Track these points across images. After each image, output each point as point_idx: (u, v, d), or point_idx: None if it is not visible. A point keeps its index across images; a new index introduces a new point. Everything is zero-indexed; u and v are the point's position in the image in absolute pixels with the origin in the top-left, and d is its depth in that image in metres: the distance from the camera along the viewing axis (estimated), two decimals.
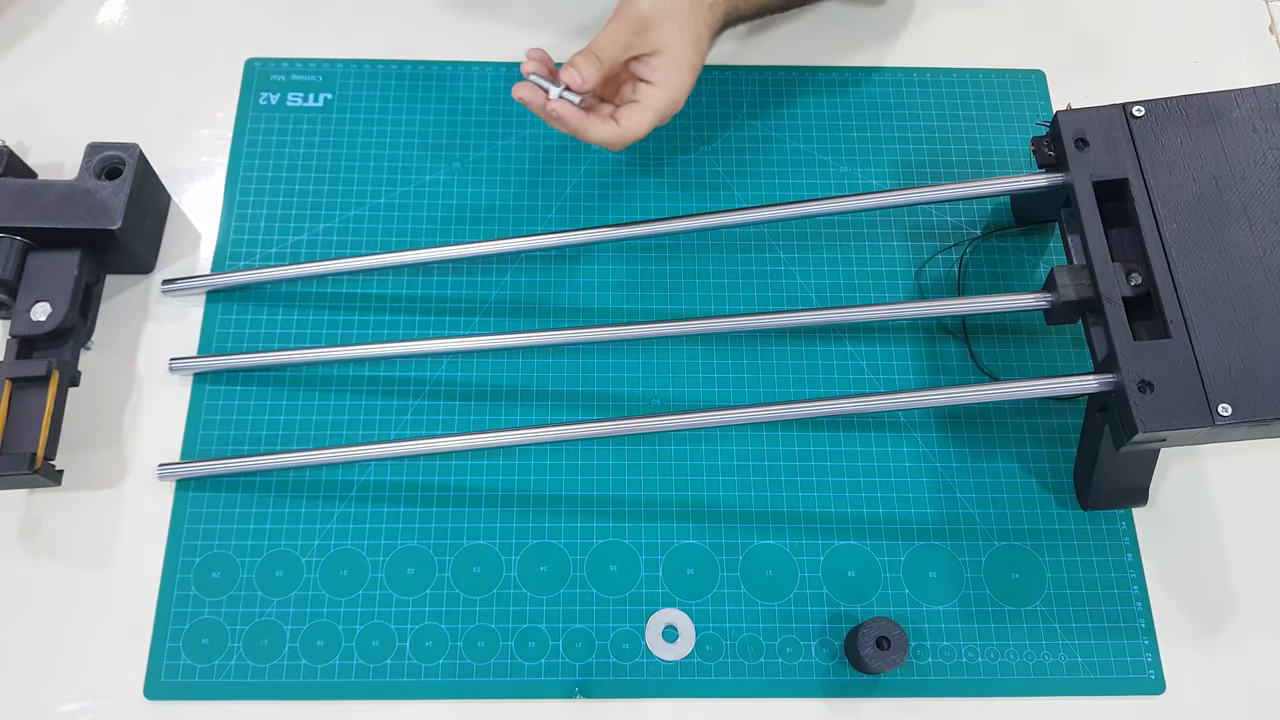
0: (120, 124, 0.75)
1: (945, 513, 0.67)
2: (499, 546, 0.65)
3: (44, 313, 0.65)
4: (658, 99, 0.63)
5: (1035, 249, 0.74)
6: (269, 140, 0.76)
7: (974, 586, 0.65)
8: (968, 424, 0.69)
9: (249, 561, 0.64)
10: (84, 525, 0.65)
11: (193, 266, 0.72)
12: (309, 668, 0.62)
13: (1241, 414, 0.56)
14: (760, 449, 0.68)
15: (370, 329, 0.71)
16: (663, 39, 0.62)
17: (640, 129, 0.63)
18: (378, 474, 0.67)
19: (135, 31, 0.80)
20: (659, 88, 0.63)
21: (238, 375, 0.69)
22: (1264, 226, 0.61)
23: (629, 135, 0.63)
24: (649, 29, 0.62)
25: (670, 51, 0.62)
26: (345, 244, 0.73)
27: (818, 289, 0.73)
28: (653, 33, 0.62)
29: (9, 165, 0.68)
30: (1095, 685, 0.63)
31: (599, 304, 0.72)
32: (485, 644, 0.63)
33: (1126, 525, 0.67)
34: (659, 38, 0.62)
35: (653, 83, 0.63)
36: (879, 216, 0.75)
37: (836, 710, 0.62)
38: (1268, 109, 0.63)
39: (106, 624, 0.62)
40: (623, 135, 0.63)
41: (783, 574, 0.65)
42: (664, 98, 0.63)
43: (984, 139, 0.78)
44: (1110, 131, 0.64)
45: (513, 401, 0.69)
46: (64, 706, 0.61)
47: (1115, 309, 0.60)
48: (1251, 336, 0.58)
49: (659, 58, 0.63)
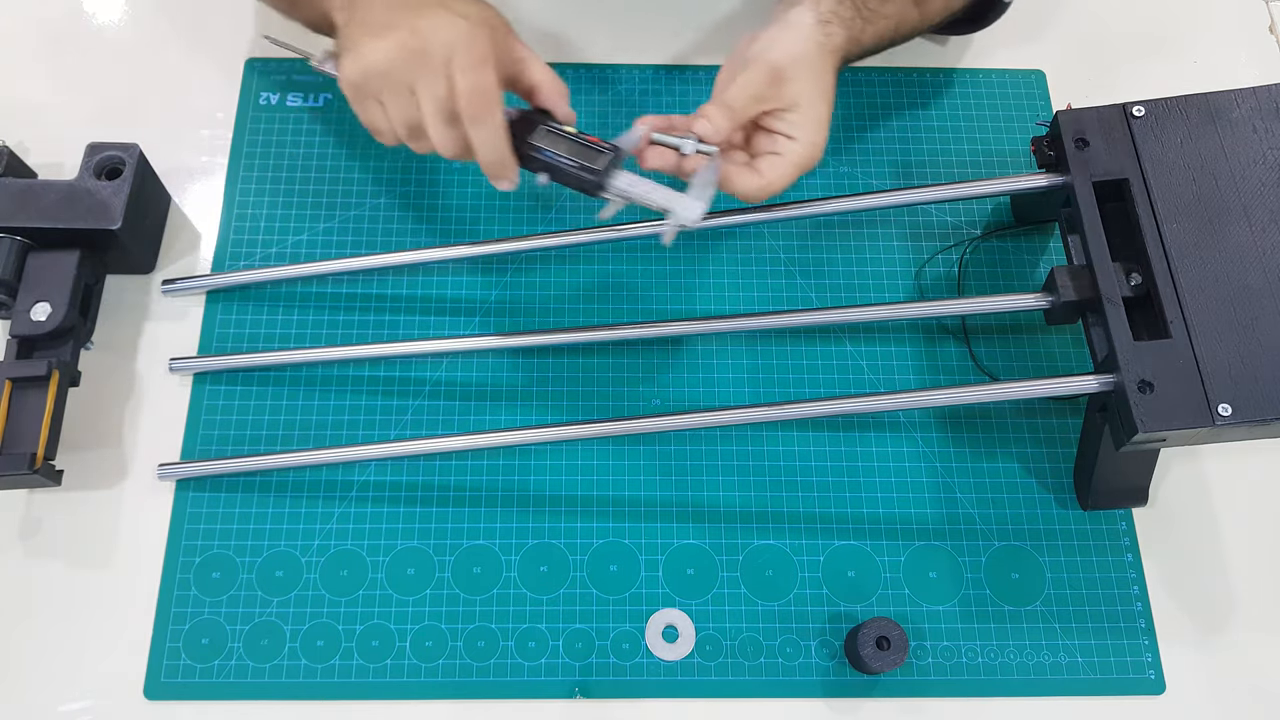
0: (120, 124, 0.74)
1: (945, 513, 0.67)
2: (499, 546, 0.65)
3: (44, 313, 0.65)
4: (799, 155, 0.60)
5: (1035, 249, 0.74)
6: (269, 140, 0.76)
7: (974, 586, 0.65)
8: (968, 424, 0.69)
9: (249, 561, 0.64)
10: (84, 525, 0.65)
11: (193, 266, 0.72)
12: (309, 668, 0.62)
13: (1241, 414, 0.56)
14: (760, 449, 0.68)
15: (370, 329, 0.71)
16: (798, 93, 0.60)
17: (782, 183, 0.60)
18: (378, 474, 0.67)
19: (135, 31, 0.80)
20: (800, 144, 0.60)
21: (238, 375, 0.69)
22: (1264, 226, 0.61)
23: (771, 188, 0.60)
24: (783, 82, 0.60)
25: (808, 107, 0.60)
26: (345, 244, 0.73)
27: (818, 289, 0.73)
28: (787, 86, 0.60)
29: (9, 165, 0.68)
30: (1095, 685, 0.63)
31: (598, 304, 0.72)
32: (485, 644, 0.63)
33: (1126, 525, 0.67)
34: (794, 91, 0.60)
35: (793, 138, 0.60)
36: (879, 216, 0.75)
37: (836, 710, 0.62)
38: (1268, 109, 0.63)
39: (106, 624, 0.62)
40: (766, 188, 0.60)
41: (783, 574, 0.65)
42: (805, 154, 0.61)
43: (984, 139, 0.77)
44: (1110, 131, 0.64)
45: (513, 401, 0.69)
46: (64, 706, 0.61)
47: (1115, 309, 0.60)
48: (1251, 336, 0.58)
49: (796, 113, 0.60)
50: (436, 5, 0.57)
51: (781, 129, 0.61)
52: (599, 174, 0.58)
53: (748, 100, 0.60)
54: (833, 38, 0.62)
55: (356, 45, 0.57)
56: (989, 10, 0.75)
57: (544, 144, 0.59)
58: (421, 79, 0.56)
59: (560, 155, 0.58)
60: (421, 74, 0.56)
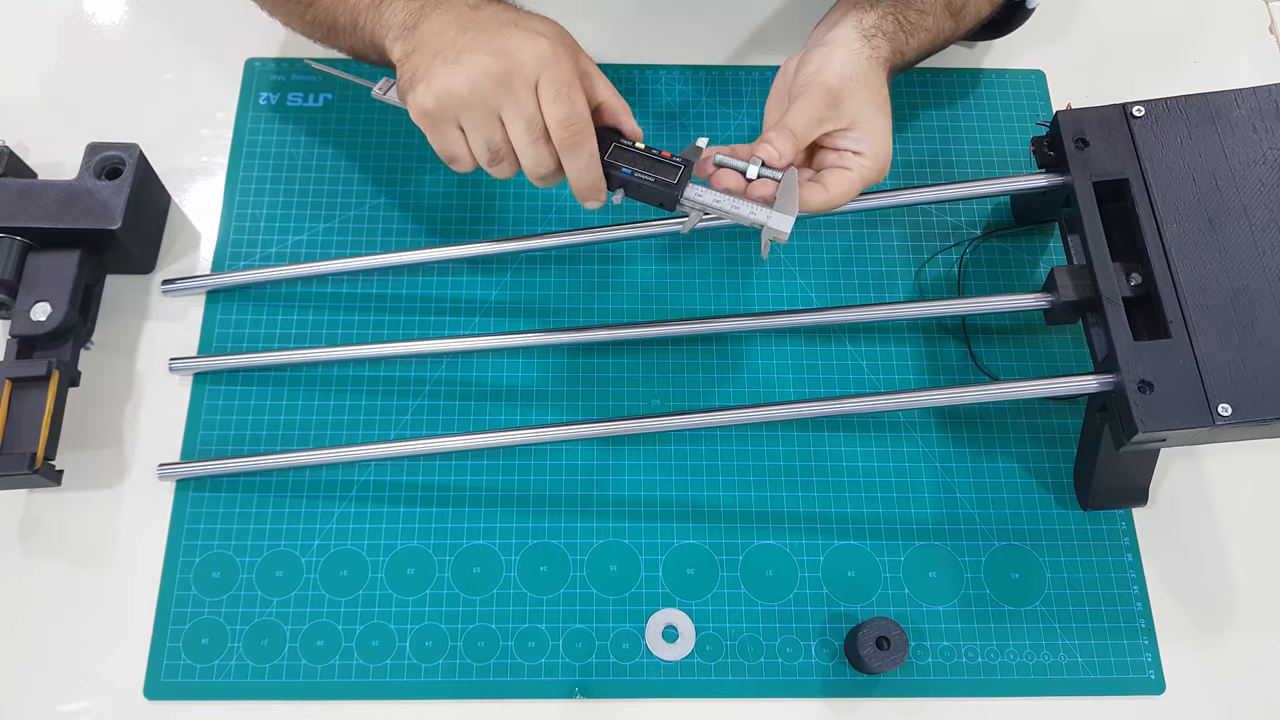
0: (120, 124, 0.75)
1: (945, 513, 0.67)
2: (499, 546, 0.65)
3: (44, 313, 0.65)
4: (865, 169, 0.61)
5: (1035, 249, 0.74)
6: (269, 140, 0.76)
7: (974, 586, 0.65)
8: (968, 424, 0.69)
9: (249, 561, 0.64)
10: (84, 525, 0.65)
11: (193, 266, 0.72)
12: (309, 668, 0.62)
13: (1241, 414, 0.56)
14: (760, 449, 0.68)
15: (370, 329, 0.71)
16: (857, 111, 0.61)
17: (848, 195, 0.61)
18: (378, 474, 0.67)
19: (135, 31, 0.80)
20: (866, 159, 0.61)
21: (238, 375, 0.69)
22: (1264, 226, 0.61)
23: (837, 202, 0.61)
24: (840, 101, 0.61)
25: (869, 122, 0.61)
26: (345, 244, 0.73)
27: (818, 289, 0.73)
28: (845, 105, 0.61)
29: (9, 165, 0.68)
30: (1095, 685, 0.63)
31: (599, 304, 0.72)
32: (485, 644, 0.63)
33: (1126, 525, 0.67)
34: (852, 110, 0.61)
35: (860, 153, 0.61)
36: (879, 216, 0.75)
37: (836, 710, 0.62)
38: (1268, 109, 0.63)
39: (106, 624, 0.62)
40: (831, 202, 0.61)
41: (783, 574, 0.65)
42: (872, 168, 0.61)
43: (984, 139, 0.78)
44: (1110, 131, 0.64)
45: (513, 401, 0.69)
46: (64, 706, 0.61)
47: (1115, 309, 0.60)
48: (1251, 336, 0.58)
49: (859, 130, 0.61)
50: (509, 25, 0.56)
51: (847, 145, 0.61)
52: (674, 188, 0.59)
53: (809, 124, 0.60)
54: (880, 50, 0.63)
55: (430, 73, 0.55)
56: (1014, 15, 0.75)
57: (621, 161, 0.59)
58: (508, 103, 0.55)
59: (638, 171, 0.59)
60: (508, 98, 0.54)
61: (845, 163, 0.61)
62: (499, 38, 0.55)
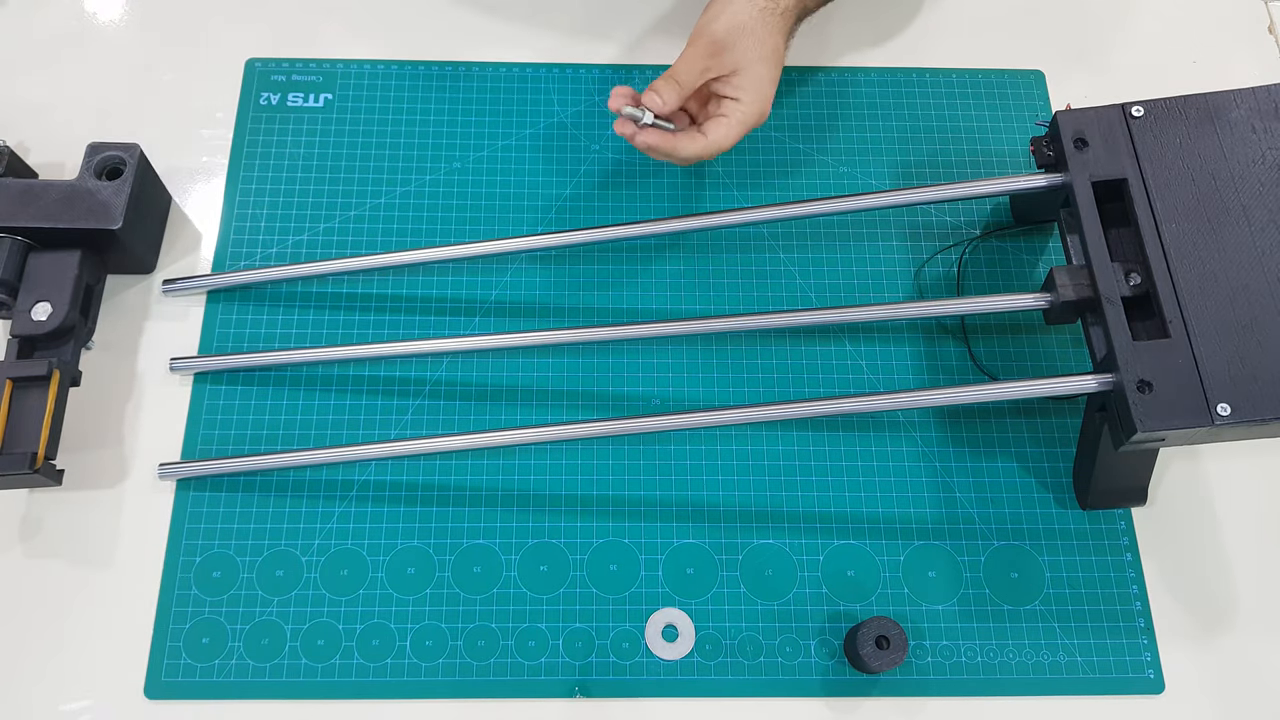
0: (120, 124, 0.75)
1: (945, 512, 0.67)
2: (499, 546, 0.65)
3: (44, 313, 0.65)
4: (742, 112, 0.65)
5: (1035, 249, 0.74)
6: (269, 140, 0.76)
7: (973, 586, 0.65)
8: (967, 424, 0.69)
9: (249, 561, 0.64)
10: (84, 525, 0.65)
11: (193, 266, 0.72)
12: (309, 667, 0.62)
13: (1240, 414, 0.56)
14: (760, 449, 0.68)
15: (370, 329, 0.71)
16: (739, 58, 0.65)
17: (727, 140, 0.65)
18: (378, 474, 0.67)
19: (135, 31, 0.80)
20: (742, 103, 0.65)
21: (238, 375, 0.69)
22: (1264, 226, 0.61)
23: (715, 147, 0.65)
24: (723, 51, 0.64)
25: (749, 69, 0.65)
26: (345, 244, 0.73)
27: (818, 289, 0.73)
28: (728, 54, 0.64)
29: (9, 165, 0.68)
30: (1095, 685, 0.63)
31: (598, 304, 0.72)
32: (485, 644, 0.63)
33: (1126, 525, 0.67)
34: (735, 58, 0.65)
35: (737, 99, 0.65)
36: (879, 216, 0.75)
37: (836, 710, 0.62)
38: (1267, 109, 0.63)
39: (106, 624, 0.63)
40: (709, 146, 0.65)
41: (782, 574, 0.65)
42: (748, 111, 0.65)
43: (984, 139, 0.78)
44: (1110, 131, 0.64)
45: (513, 401, 0.69)
46: (64, 706, 0.61)
47: (1114, 309, 0.60)
48: (1251, 336, 0.58)
49: (739, 76, 0.65)
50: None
51: (727, 93, 0.66)
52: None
53: (693, 73, 0.64)
54: (778, 2, 0.66)
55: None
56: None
57: None
58: None
59: None
60: None
61: (723, 109, 0.66)
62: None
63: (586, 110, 0.78)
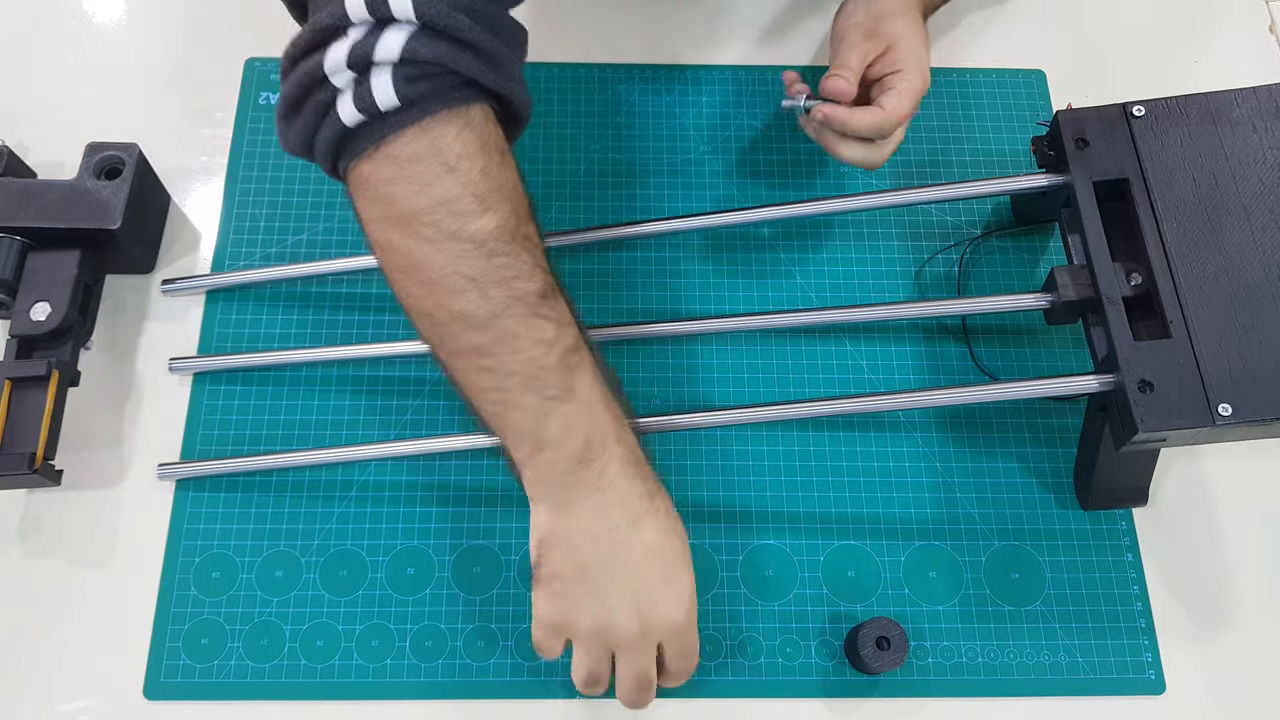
0: (120, 124, 0.74)
1: (945, 512, 0.67)
2: (498, 546, 0.65)
3: (44, 313, 0.65)
4: (909, 80, 0.66)
5: (1035, 249, 0.74)
6: (269, 140, 0.76)
7: (974, 586, 0.65)
8: (968, 424, 0.69)
9: (249, 561, 0.64)
10: (84, 525, 0.65)
11: (192, 266, 0.72)
12: (309, 668, 0.62)
13: (1241, 414, 0.56)
14: (760, 449, 0.68)
15: (370, 329, 0.71)
16: (891, 36, 0.67)
17: (901, 109, 0.65)
18: (378, 474, 0.67)
19: (135, 31, 0.80)
20: (906, 73, 0.66)
21: (237, 375, 0.69)
22: (1264, 226, 0.61)
23: (892, 117, 0.65)
24: (874, 34, 0.67)
25: (903, 41, 0.67)
26: (345, 244, 0.73)
27: (818, 289, 0.72)
28: (879, 35, 0.67)
29: (9, 165, 0.68)
30: (1095, 685, 0.63)
31: (598, 304, 0.72)
32: (485, 644, 0.63)
33: (1126, 525, 0.67)
34: (888, 36, 0.67)
35: (899, 70, 0.66)
36: (879, 216, 0.75)
37: (836, 710, 0.62)
38: (1268, 109, 0.63)
39: (106, 624, 0.62)
40: (887, 118, 0.65)
41: (783, 574, 0.65)
42: (913, 78, 0.66)
43: (984, 139, 0.77)
44: (1110, 131, 0.64)
45: None
46: (64, 706, 0.61)
47: (1115, 309, 0.60)
48: (1251, 336, 0.58)
49: (894, 51, 0.67)
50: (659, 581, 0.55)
51: (887, 69, 0.67)
52: None
53: (855, 57, 0.66)
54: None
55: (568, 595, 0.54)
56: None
57: None
58: (628, 656, 0.55)
59: None
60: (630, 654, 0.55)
61: (888, 84, 0.66)
62: (645, 597, 0.55)
63: (586, 110, 0.78)
